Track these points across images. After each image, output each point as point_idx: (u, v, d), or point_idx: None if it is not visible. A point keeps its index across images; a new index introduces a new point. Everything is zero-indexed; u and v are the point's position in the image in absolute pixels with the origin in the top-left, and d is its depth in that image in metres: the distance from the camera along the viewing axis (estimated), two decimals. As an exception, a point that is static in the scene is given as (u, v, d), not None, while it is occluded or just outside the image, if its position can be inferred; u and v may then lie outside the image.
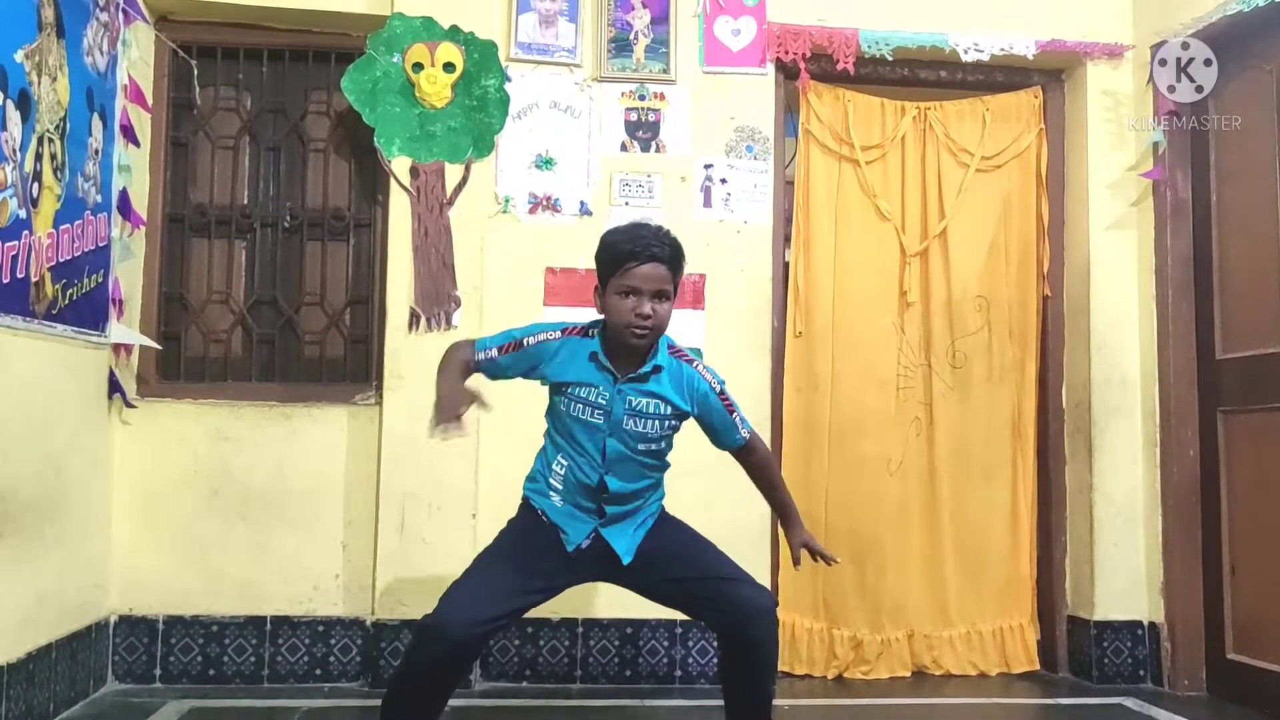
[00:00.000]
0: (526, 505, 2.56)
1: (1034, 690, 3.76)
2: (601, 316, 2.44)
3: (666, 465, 2.58)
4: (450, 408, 2.31)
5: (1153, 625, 3.78)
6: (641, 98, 3.79)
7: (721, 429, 2.54)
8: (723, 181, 3.79)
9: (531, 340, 2.45)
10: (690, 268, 3.68)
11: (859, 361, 3.93)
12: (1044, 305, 4.05)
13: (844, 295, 3.94)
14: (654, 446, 2.48)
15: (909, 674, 3.85)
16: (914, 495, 3.93)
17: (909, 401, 3.95)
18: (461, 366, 2.47)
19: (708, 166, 3.80)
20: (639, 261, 2.33)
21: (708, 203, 3.78)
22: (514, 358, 2.47)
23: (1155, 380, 3.82)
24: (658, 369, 2.42)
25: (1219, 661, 3.61)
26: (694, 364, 2.50)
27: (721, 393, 2.50)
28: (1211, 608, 3.65)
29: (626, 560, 2.47)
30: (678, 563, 2.48)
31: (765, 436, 3.71)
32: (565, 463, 2.47)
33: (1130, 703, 3.53)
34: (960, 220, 3.99)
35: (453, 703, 3.26)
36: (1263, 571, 3.46)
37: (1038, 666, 3.94)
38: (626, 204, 3.74)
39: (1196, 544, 3.70)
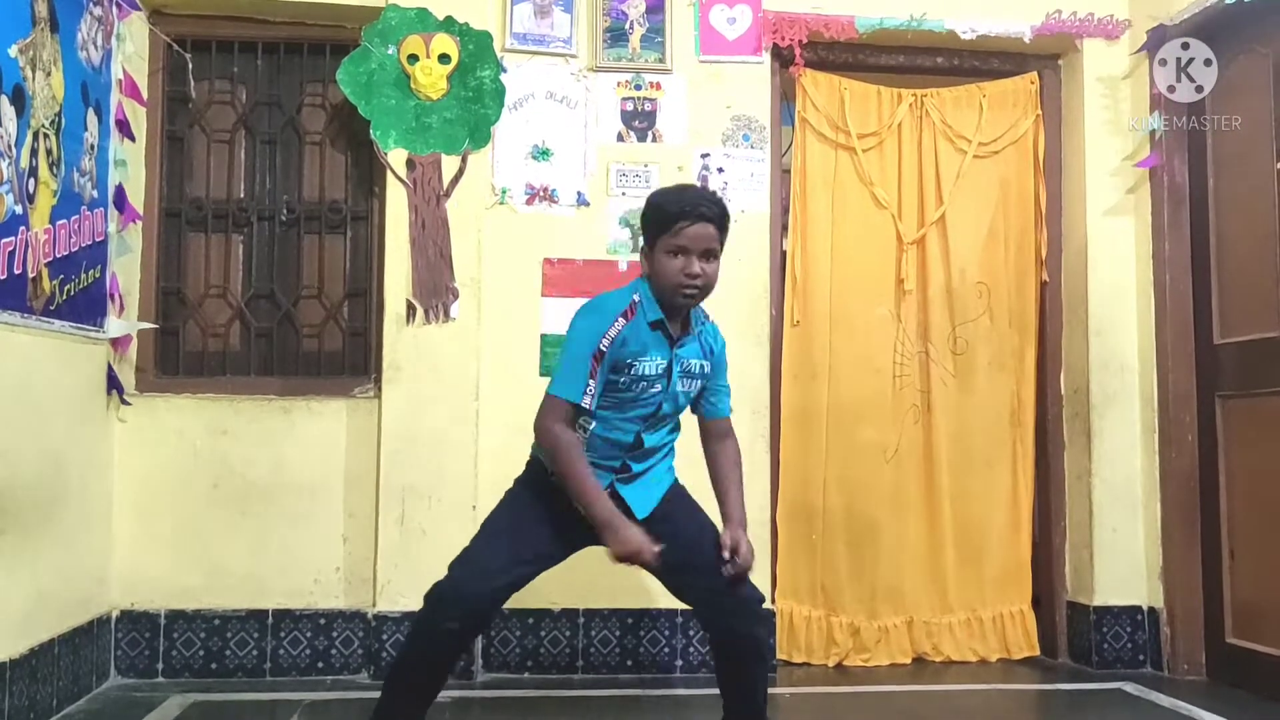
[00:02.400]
0: (536, 463, 2.54)
1: (1034, 676, 3.77)
2: (640, 281, 2.45)
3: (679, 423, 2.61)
4: (640, 543, 2.28)
5: (1152, 610, 3.79)
6: (637, 87, 3.78)
7: (719, 391, 2.59)
8: (719, 170, 3.79)
9: (605, 344, 2.34)
10: (688, 257, 3.73)
11: (856, 350, 3.93)
12: (1042, 291, 4.05)
13: (841, 283, 3.94)
14: (688, 403, 2.55)
15: (909, 661, 3.86)
16: (912, 483, 3.94)
17: (906, 389, 3.96)
18: (580, 453, 2.36)
19: (704, 156, 3.79)
20: (689, 221, 2.34)
21: (705, 192, 3.78)
22: (602, 373, 2.36)
23: (1153, 365, 3.82)
24: (701, 327, 2.50)
25: (1218, 646, 3.62)
26: (708, 319, 2.58)
27: (723, 352, 2.59)
28: (1211, 592, 3.66)
29: (641, 515, 2.44)
30: (685, 544, 2.43)
31: (764, 425, 3.73)
32: (596, 424, 2.42)
33: (1130, 688, 3.54)
34: (958, 207, 3.99)
35: (454, 694, 3.31)
36: (1262, 556, 3.46)
37: (1037, 652, 3.95)
38: (624, 194, 3.74)
39: (1195, 529, 3.70)
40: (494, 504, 3.46)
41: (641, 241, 2.48)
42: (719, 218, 2.38)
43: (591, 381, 2.33)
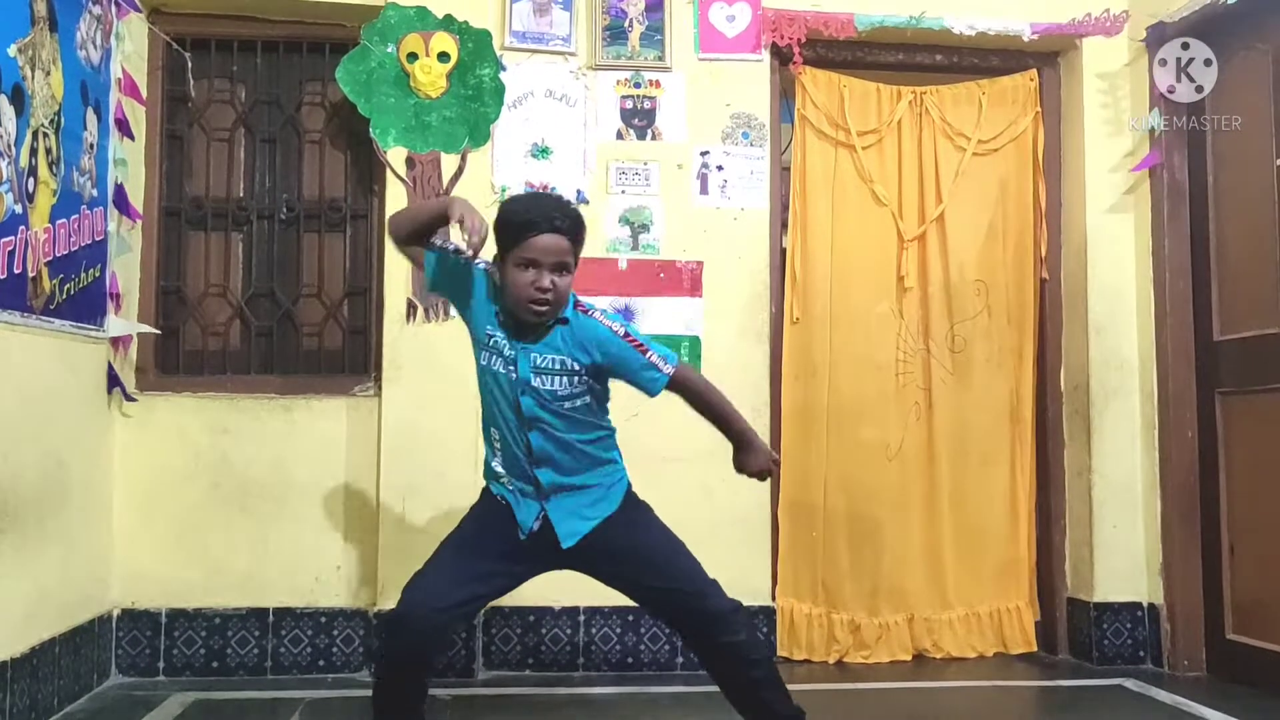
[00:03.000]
0: (485, 491, 2.51)
1: (1034, 672, 3.78)
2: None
3: (605, 432, 2.46)
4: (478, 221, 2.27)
5: (1152, 606, 3.80)
6: (637, 85, 3.78)
7: (638, 370, 2.37)
8: (719, 168, 3.79)
9: (455, 253, 2.37)
10: (688, 255, 3.74)
11: (857, 347, 3.93)
12: (1041, 289, 4.05)
13: (841, 281, 3.94)
14: (572, 405, 2.36)
15: (909, 658, 3.87)
16: (913, 480, 3.94)
17: (908, 386, 3.96)
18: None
19: (704, 154, 3.79)
20: (538, 232, 2.24)
21: (704, 190, 3.78)
22: (456, 265, 2.37)
23: (1153, 362, 3.82)
24: (563, 320, 2.34)
25: (1219, 642, 3.62)
26: (591, 313, 2.38)
27: (627, 334, 2.37)
28: (1211, 588, 3.66)
29: (566, 544, 2.37)
30: (640, 565, 2.40)
31: (764, 422, 3.72)
32: (497, 433, 2.40)
33: (1130, 684, 3.54)
34: (957, 204, 3.99)
35: (455, 691, 3.31)
36: (1262, 552, 3.47)
37: (1034, 648, 3.95)
38: (623, 192, 3.74)
39: (1195, 525, 3.71)
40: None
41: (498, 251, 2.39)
42: (571, 228, 2.29)
43: (452, 252, 2.38)
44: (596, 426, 2.44)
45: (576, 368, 2.35)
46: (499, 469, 2.43)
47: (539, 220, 2.25)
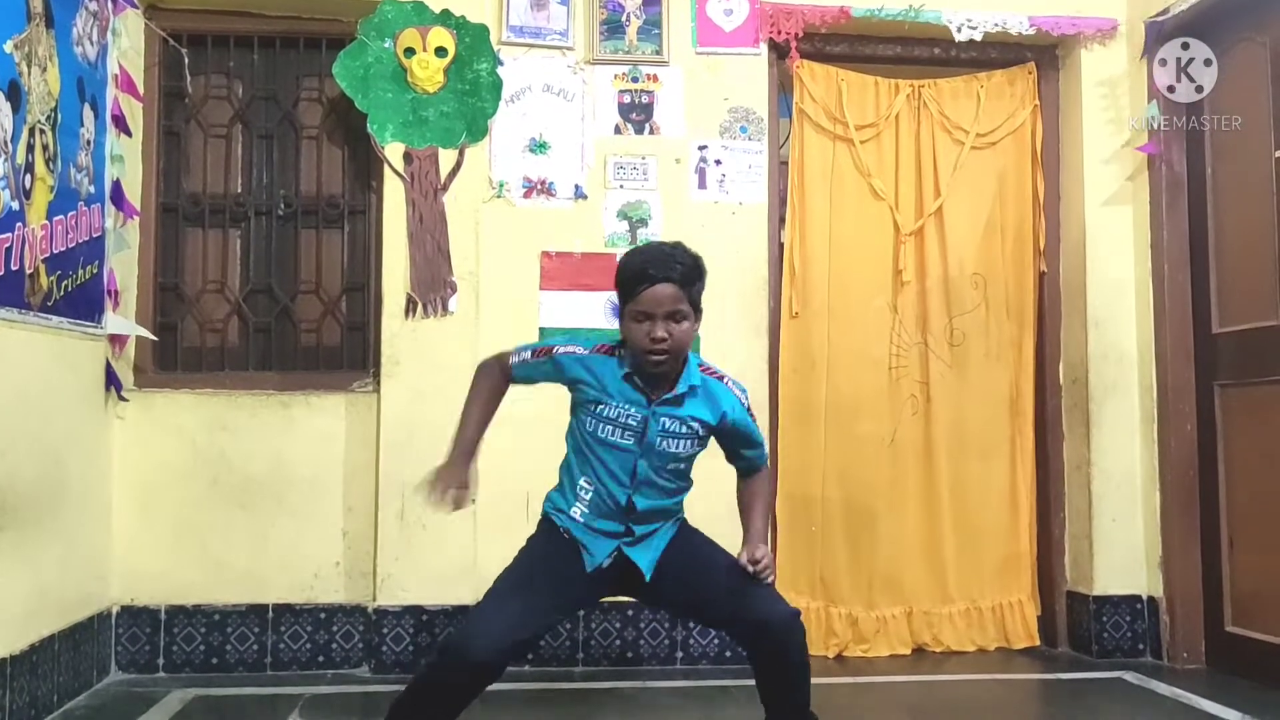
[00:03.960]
0: (548, 522, 2.46)
1: (1034, 665, 3.78)
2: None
3: (690, 483, 2.48)
4: (455, 475, 2.36)
5: (1151, 599, 3.80)
6: (634, 80, 3.77)
7: (753, 444, 2.47)
8: (717, 163, 3.79)
9: (561, 351, 2.37)
10: (686, 250, 3.73)
11: (854, 341, 3.93)
12: (1040, 282, 4.05)
13: (839, 275, 3.94)
14: (681, 466, 2.41)
15: (909, 651, 3.87)
16: (910, 474, 3.94)
17: (904, 380, 3.96)
18: (489, 393, 2.48)
19: (702, 148, 3.79)
20: (648, 284, 2.25)
21: (702, 184, 3.78)
22: (543, 365, 2.40)
23: (1152, 355, 3.82)
24: (692, 389, 2.35)
25: (1218, 634, 3.63)
26: (723, 379, 2.43)
27: (749, 409, 2.45)
28: (1210, 581, 3.66)
29: (649, 576, 2.39)
30: (697, 581, 2.40)
31: (763, 417, 3.71)
32: (590, 486, 2.37)
33: (1130, 676, 3.54)
34: (955, 198, 3.98)
35: (456, 687, 3.29)
36: (1261, 544, 3.47)
37: (1037, 642, 3.95)
38: (621, 186, 3.73)
39: (1195, 518, 3.71)
40: (493, 498, 3.47)
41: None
42: (682, 277, 2.27)
43: (530, 356, 2.41)
44: (688, 482, 2.47)
45: (701, 432, 2.38)
46: (578, 516, 2.39)
47: (650, 273, 2.26)
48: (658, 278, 2.24)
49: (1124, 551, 3.82)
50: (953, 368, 3.98)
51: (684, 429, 2.34)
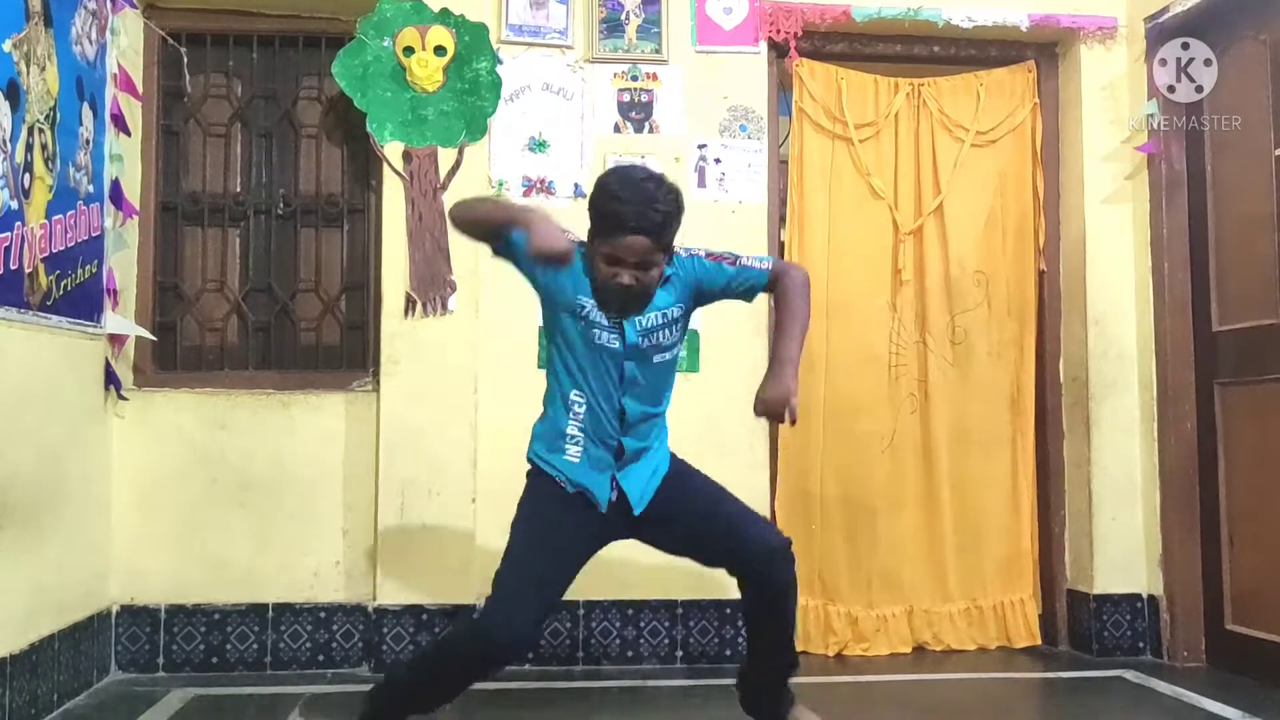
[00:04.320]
0: (539, 474, 2.46)
1: (1034, 664, 3.78)
2: None
3: (672, 378, 2.52)
4: (554, 235, 2.21)
5: (1151, 598, 3.80)
6: (634, 78, 3.77)
7: (736, 283, 2.43)
8: (717, 161, 3.78)
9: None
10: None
11: (853, 340, 3.93)
12: (1040, 280, 4.04)
13: (838, 275, 3.94)
14: (668, 356, 2.43)
15: (909, 650, 3.87)
16: (910, 472, 3.94)
17: (904, 378, 3.96)
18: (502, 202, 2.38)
19: (701, 146, 3.78)
20: (622, 235, 2.22)
21: (702, 183, 3.77)
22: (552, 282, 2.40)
23: (1152, 353, 3.82)
24: (666, 279, 2.36)
25: (1218, 633, 3.62)
26: (687, 253, 2.43)
27: (709, 254, 2.42)
28: (1210, 579, 3.66)
29: (638, 510, 2.42)
30: (693, 519, 2.45)
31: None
32: (582, 398, 2.38)
33: (1130, 675, 3.54)
34: (956, 196, 3.98)
35: (455, 687, 3.30)
36: (1261, 542, 3.47)
37: (1039, 641, 3.95)
38: (621, 185, 3.72)
39: (1194, 516, 3.71)
40: (493, 496, 3.47)
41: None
42: (660, 226, 2.24)
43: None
44: (671, 384, 2.50)
45: (678, 314, 2.38)
46: (574, 433, 2.39)
47: (625, 219, 2.21)
48: (633, 229, 2.21)
49: (1124, 550, 3.82)
50: (954, 366, 3.97)
51: (660, 320, 2.36)
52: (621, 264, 2.23)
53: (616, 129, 3.76)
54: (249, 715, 3.12)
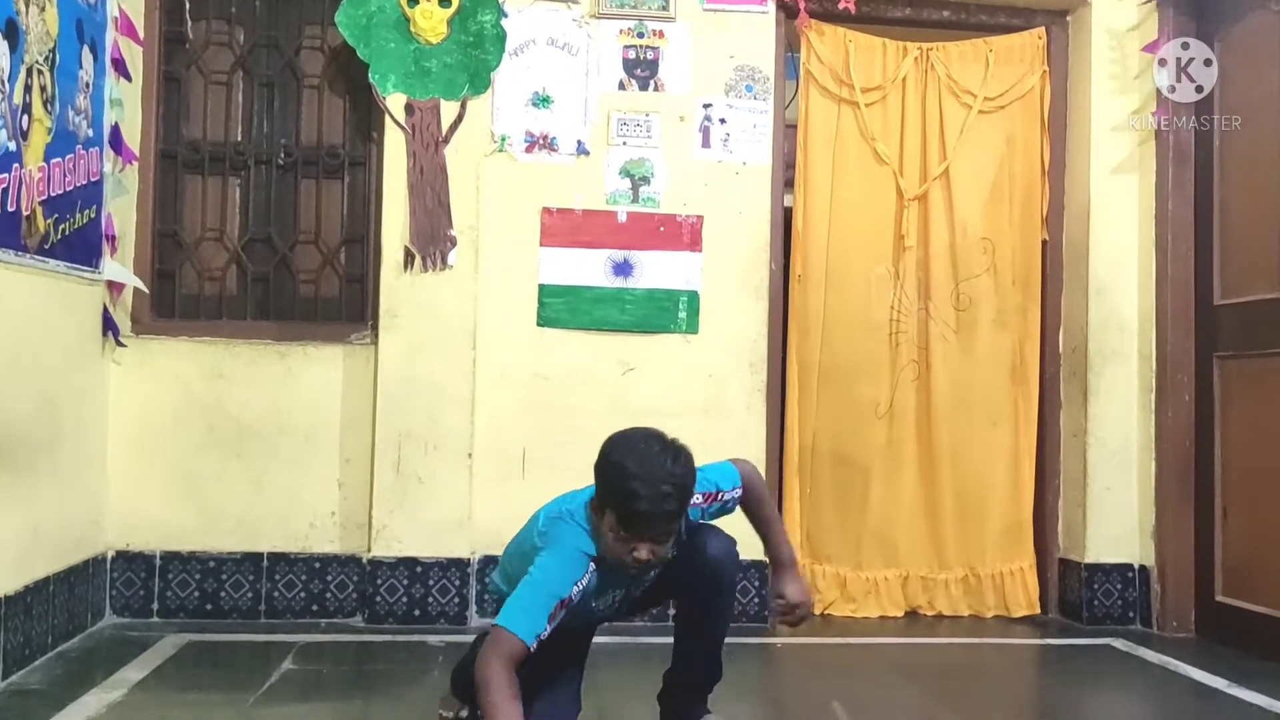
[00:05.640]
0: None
1: (1024, 631, 3.80)
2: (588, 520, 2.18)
3: None
4: None
5: (1143, 568, 3.81)
6: (640, 35, 3.73)
7: (719, 511, 2.32)
8: (722, 121, 3.75)
9: (576, 592, 2.12)
10: (689, 209, 3.72)
11: (853, 306, 3.92)
12: (1043, 249, 4.02)
13: (839, 240, 3.92)
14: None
15: (901, 614, 3.89)
16: (908, 439, 3.94)
17: (904, 345, 3.95)
18: (512, 693, 2.00)
19: (707, 106, 3.75)
20: (645, 525, 2.05)
21: (706, 143, 3.75)
22: (566, 615, 2.13)
23: (1153, 325, 3.81)
24: None
25: (1208, 604, 3.64)
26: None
27: (703, 494, 2.24)
28: (1202, 551, 3.67)
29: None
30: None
31: (760, 379, 3.72)
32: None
33: (1118, 643, 3.56)
34: (962, 162, 3.96)
35: (449, 639, 3.34)
36: (1254, 515, 3.48)
37: (1038, 610, 3.95)
38: (624, 143, 3.71)
39: (1189, 488, 3.71)
40: (489, 450, 3.49)
41: None
42: (677, 507, 2.07)
43: (549, 627, 2.07)
44: None
45: (671, 556, 2.21)
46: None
47: (643, 510, 2.02)
48: (651, 517, 2.04)
49: (1117, 520, 3.83)
50: (958, 333, 3.96)
51: (652, 573, 2.24)
52: (639, 540, 2.08)
53: (621, 86, 3.73)
54: (242, 662, 3.14)
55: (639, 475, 2.02)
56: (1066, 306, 3.99)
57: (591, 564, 2.14)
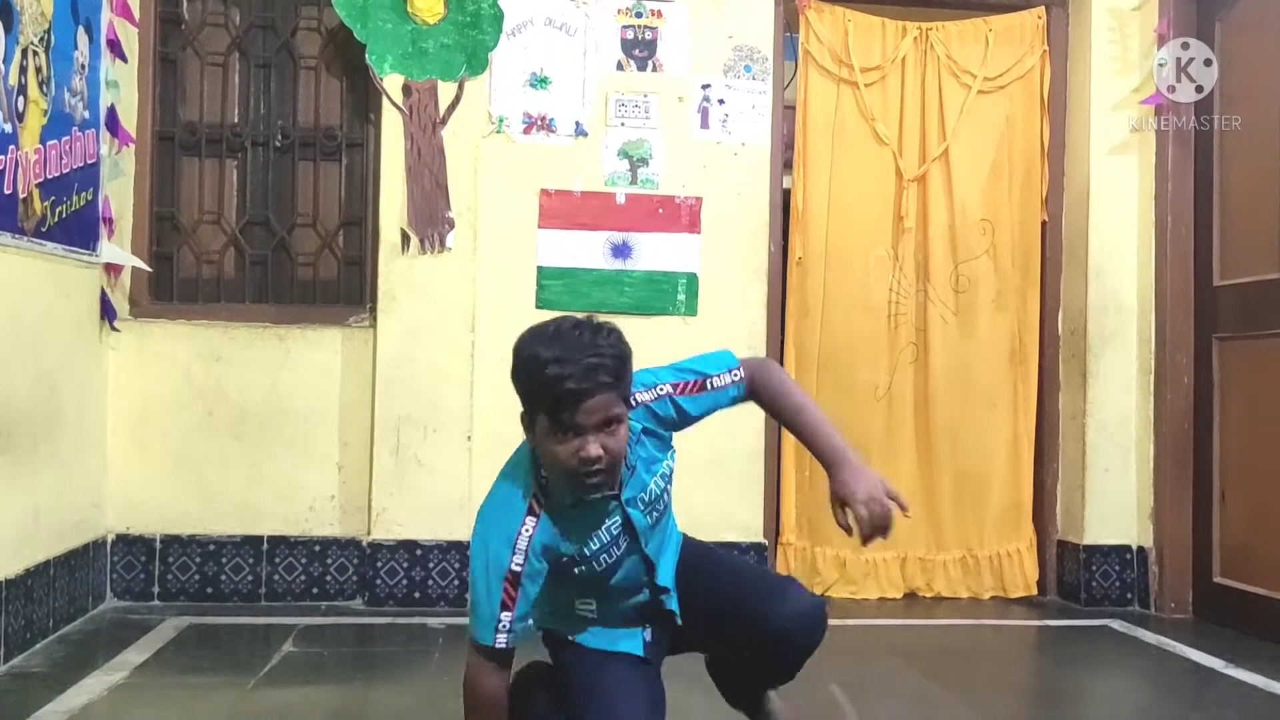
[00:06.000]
0: (558, 639, 1.99)
1: (1022, 612, 3.81)
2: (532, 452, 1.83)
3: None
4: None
5: (1141, 550, 3.82)
6: (638, 15, 3.71)
7: (709, 407, 1.96)
8: (720, 102, 3.74)
9: (518, 563, 1.77)
10: (687, 190, 3.71)
11: (852, 288, 3.91)
12: (1042, 230, 4.02)
13: (838, 222, 3.91)
14: (665, 504, 1.96)
15: (900, 596, 3.90)
16: (906, 421, 3.94)
17: (903, 327, 3.94)
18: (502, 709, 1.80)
19: (705, 87, 3.74)
20: (575, 400, 1.68)
21: (705, 124, 3.73)
22: (524, 596, 1.78)
23: (1152, 306, 3.81)
24: (649, 433, 1.89)
25: (1205, 585, 3.65)
26: (642, 400, 1.88)
27: (675, 386, 1.91)
28: (1200, 532, 3.68)
29: (680, 618, 1.97)
30: (709, 594, 1.95)
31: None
32: (592, 605, 1.94)
33: (1116, 624, 3.58)
34: (962, 143, 3.94)
35: (449, 621, 3.34)
36: (1252, 497, 3.48)
37: (1034, 591, 3.96)
38: (622, 124, 3.69)
39: (1188, 470, 3.72)
40: (488, 434, 3.48)
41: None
42: (612, 376, 1.71)
43: (506, 614, 1.75)
44: (669, 507, 2.01)
45: (666, 468, 1.92)
46: (590, 623, 1.96)
47: (569, 388, 1.68)
48: (583, 392, 1.68)
49: (1116, 502, 3.84)
50: (956, 315, 3.95)
51: (657, 486, 1.90)
52: (584, 433, 1.70)
53: (619, 67, 3.71)
54: (243, 645, 3.15)
55: (556, 358, 1.69)
56: (1065, 288, 3.99)
57: (528, 508, 1.79)
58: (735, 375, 1.95)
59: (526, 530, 1.77)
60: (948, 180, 3.94)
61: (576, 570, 1.84)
